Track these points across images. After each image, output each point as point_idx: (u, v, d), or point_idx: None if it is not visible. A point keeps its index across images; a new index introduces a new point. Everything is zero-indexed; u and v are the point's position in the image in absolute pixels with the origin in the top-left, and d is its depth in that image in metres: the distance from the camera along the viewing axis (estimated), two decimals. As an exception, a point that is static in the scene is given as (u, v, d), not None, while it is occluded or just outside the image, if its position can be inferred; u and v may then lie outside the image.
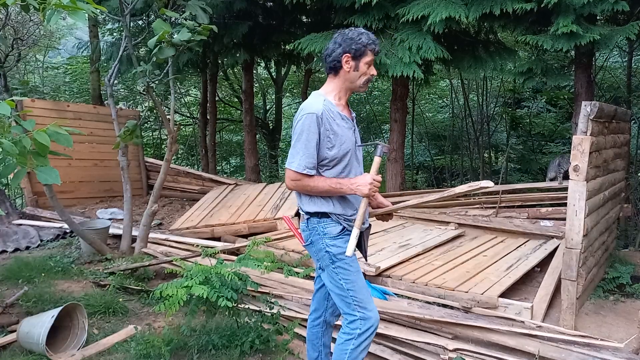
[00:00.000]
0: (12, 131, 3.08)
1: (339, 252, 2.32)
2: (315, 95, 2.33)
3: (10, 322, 3.45)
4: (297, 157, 2.22)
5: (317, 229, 2.35)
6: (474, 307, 3.52)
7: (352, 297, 2.33)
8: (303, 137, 2.21)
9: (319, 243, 2.35)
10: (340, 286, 2.34)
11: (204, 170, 9.98)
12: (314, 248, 2.40)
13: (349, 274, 2.33)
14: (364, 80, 2.33)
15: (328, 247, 2.33)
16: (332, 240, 2.33)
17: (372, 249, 4.86)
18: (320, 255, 2.37)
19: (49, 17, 2.73)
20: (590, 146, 3.41)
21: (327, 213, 2.33)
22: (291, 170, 2.25)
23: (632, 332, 3.34)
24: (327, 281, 2.40)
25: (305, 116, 2.22)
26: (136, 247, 4.94)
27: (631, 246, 6.26)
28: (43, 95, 11.41)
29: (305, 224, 2.41)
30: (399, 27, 5.70)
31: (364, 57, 2.28)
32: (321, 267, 2.41)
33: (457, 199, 6.73)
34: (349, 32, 2.30)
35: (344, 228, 2.35)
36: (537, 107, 11.36)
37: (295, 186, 2.30)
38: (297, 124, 2.25)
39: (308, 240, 2.41)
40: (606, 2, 4.79)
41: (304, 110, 2.25)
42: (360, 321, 2.33)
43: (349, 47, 2.26)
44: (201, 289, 2.83)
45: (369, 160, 2.44)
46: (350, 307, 2.34)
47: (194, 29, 4.23)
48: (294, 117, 2.32)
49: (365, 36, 2.28)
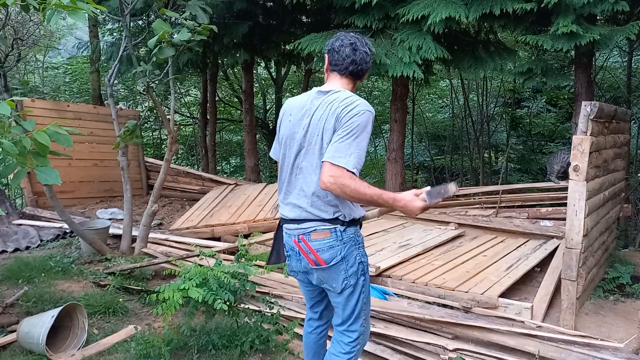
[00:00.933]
0: (12, 131, 3.08)
1: (366, 261, 2.14)
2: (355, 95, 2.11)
3: (10, 322, 3.45)
4: (349, 154, 1.91)
5: (354, 239, 2.07)
6: (474, 307, 3.52)
7: (364, 311, 2.17)
8: (362, 135, 1.95)
9: (352, 255, 2.06)
10: (359, 299, 2.12)
11: (204, 170, 9.98)
12: (343, 265, 2.05)
13: (367, 286, 2.16)
14: None
15: (362, 257, 2.11)
16: (363, 248, 2.12)
17: (372, 249, 4.86)
18: (353, 271, 2.07)
19: (49, 17, 2.73)
20: (590, 146, 3.41)
21: (359, 219, 2.10)
22: (338, 167, 1.89)
23: (632, 332, 3.34)
24: (346, 300, 2.12)
25: (366, 113, 1.97)
26: (136, 247, 4.94)
27: (631, 246, 6.26)
28: (43, 95, 11.41)
29: (334, 239, 2.03)
30: (399, 27, 5.70)
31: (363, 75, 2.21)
32: (347, 285, 2.08)
33: (457, 198, 6.74)
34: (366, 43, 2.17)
35: None
36: (537, 107, 11.36)
37: (334, 184, 1.90)
38: (355, 118, 1.95)
39: (337, 256, 2.04)
40: (606, 2, 4.79)
41: (364, 106, 1.99)
42: (361, 337, 2.21)
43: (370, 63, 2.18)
44: (197, 292, 2.79)
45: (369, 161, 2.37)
46: (359, 322, 2.17)
47: (194, 29, 4.23)
48: (333, 110, 2.01)
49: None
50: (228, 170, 14.87)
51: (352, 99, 2.03)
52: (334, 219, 2.04)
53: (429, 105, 13.47)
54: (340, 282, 2.09)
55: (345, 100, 2.01)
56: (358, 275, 2.10)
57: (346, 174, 1.90)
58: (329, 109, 2.02)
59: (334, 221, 2.04)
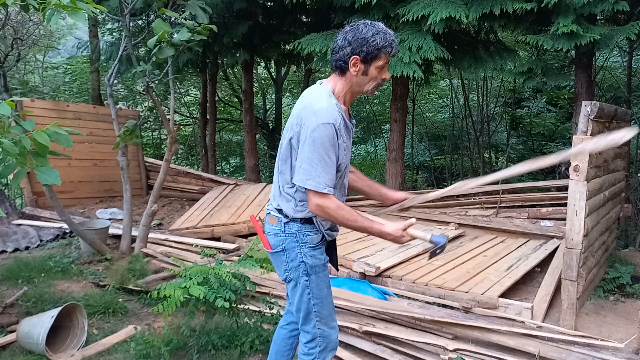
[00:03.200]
0: (12, 131, 3.07)
1: (316, 264, 2.11)
2: (327, 96, 2.00)
3: (10, 322, 3.45)
4: (315, 174, 1.91)
5: (297, 236, 2.08)
6: (474, 307, 3.52)
7: (316, 312, 2.15)
8: (321, 150, 1.90)
9: (294, 251, 2.09)
10: (307, 301, 2.13)
11: (203, 170, 9.97)
12: (284, 257, 2.12)
13: (320, 288, 2.14)
14: (372, 85, 2.03)
15: (305, 258, 2.09)
16: (311, 250, 2.09)
17: (372, 249, 4.86)
18: (293, 266, 2.11)
19: (49, 17, 2.73)
20: (590, 146, 3.40)
21: (312, 219, 2.08)
22: (315, 193, 1.93)
23: (632, 332, 3.34)
24: (292, 293, 2.18)
25: (322, 126, 1.90)
26: (136, 247, 4.94)
27: (631, 246, 6.25)
28: (43, 95, 11.40)
29: (279, 228, 2.10)
30: (399, 27, 5.69)
31: (376, 61, 1.96)
32: (289, 278, 2.15)
33: (457, 198, 6.73)
34: (363, 29, 1.94)
35: (323, 237, 2.14)
36: (537, 107, 11.35)
37: (322, 213, 1.97)
38: (311, 132, 1.90)
39: (279, 246, 2.11)
40: (606, 2, 4.79)
41: (320, 118, 1.91)
42: (320, 339, 2.17)
43: (360, 49, 1.94)
44: (198, 289, 2.81)
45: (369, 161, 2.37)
46: (312, 324, 2.16)
47: (193, 28, 4.23)
48: (300, 114, 1.99)
49: (382, 36, 1.94)
50: (228, 170, 14.87)
51: (314, 105, 1.96)
52: (281, 210, 2.11)
53: (429, 105, 13.47)
54: (282, 272, 2.17)
55: (305, 110, 1.98)
56: (300, 273, 2.11)
57: (331, 203, 1.95)
58: (294, 114, 2.04)
59: (281, 211, 2.11)
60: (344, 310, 3.48)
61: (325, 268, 2.18)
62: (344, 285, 3.89)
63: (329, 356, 2.23)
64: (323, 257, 2.16)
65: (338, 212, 1.98)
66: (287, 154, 2.06)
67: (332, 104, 1.98)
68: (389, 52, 1.97)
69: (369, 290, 3.87)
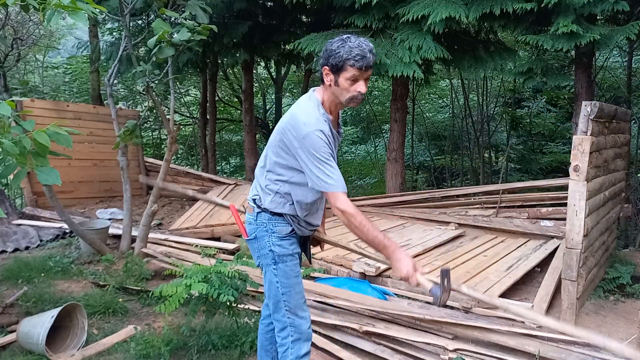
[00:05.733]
0: (12, 131, 3.07)
1: (283, 253, 2.23)
2: (315, 106, 2.11)
3: (10, 322, 3.45)
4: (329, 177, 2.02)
5: (266, 225, 2.23)
6: (474, 307, 3.52)
7: (284, 301, 2.25)
8: (322, 154, 2.02)
9: (264, 240, 2.24)
10: (276, 289, 2.25)
11: (203, 170, 9.98)
12: (256, 244, 2.28)
13: (287, 277, 2.24)
14: (347, 97, 2.07)
15: (273, 246, 2.22)
16: (279, 240, 2.23)
17: (372, 249, 4.85)
18: (263, 253, 2.26)
19: (49, 18, 2.73)
20: (590, 146, 3.41)
21: (283, 213, 2.22)
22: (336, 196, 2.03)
23: (632, 332, 3.34)
24: (265, 281, 2.31)
25: (315, 132, 2.02)
26: (136, 247, 4.94)
27: (631, 246, 6.25)
28: (43, 95, 11.40)
29: (253, 217, 2.27)
30: (399, 27, 5.70)
31: (344, 73, 2.02)
32: (260, 265, 2.31)
33: (457, 198, 6.73)
34: (334, 42, 2.05)
35: (293, 230, 2.26)
36: (537, 107, 11.35)
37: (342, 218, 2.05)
38: (304, 139, 2.03)
39: (252, 234, 2.28)
40: (606, 2, 4.79)
41: (312, 125, 2.03)
42: (290, 328, 2.25)
43: (327, 60, 2.05)
44: (201, 285, 2.84)
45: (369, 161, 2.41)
46: (281, 312, 2.26)
47: (193, 28, 4.23)
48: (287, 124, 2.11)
49: (347, 49, 1.99)
50: (228, 170, 14.87)
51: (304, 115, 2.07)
52: (255, 200, 2.28)
53: (429, 105, 13.47)
54: (256, 258, 2.33)
55: (293, 119, 2.09)
56: (269, 261, 2.25)
57: (353, 211, 2.03)
58: (280, 122, 2.16)
59: (256, 201, 2.28)
60: (344, 310, 3.48)
61: (294, 258, 2.27)
62: (344, 285, 3.89)
63: (304, 347, 2.29)
64: (291, 247, 2.26)
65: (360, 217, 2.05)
66: (273, 155, 2.18)
67: (319, 113, 2.09)
68: (353, 64, 2.00)
69: (369, 290, 3.87)
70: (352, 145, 14.67)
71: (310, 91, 2.23)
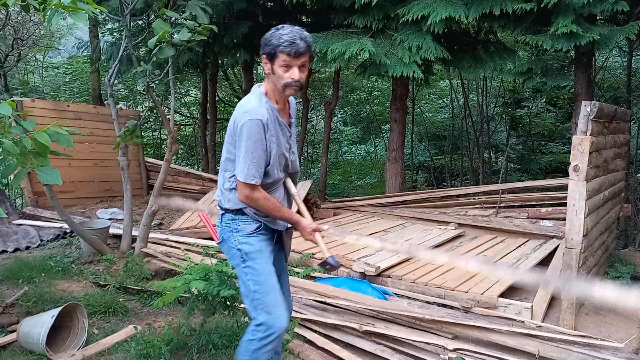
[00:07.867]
0: (12, 131, 3.08)
1: (250, 250, 2.24)
2: (256, 97, 2.21)
3: (10, 322, 3.45)
4: (245, 167, 2.11)
5: (230, 226, 2.28)
6: (474, 307, 3.53)
7: (257, 299, 2.22)
8: (249, 143, 2.10)
9: (230, 240, 2.28)
10: (248, 287, 2.24)
11: (204, 170, 9.98)
12: (225, 246, 2.32)
13: (257, 274, 2.23)
14: (282, 84, 2.14)
15: (240, 245, 2.25)
16: (244, 237, 2.25)
17: (372, 249, 4.86)
18: (232, 254, 2.29)
19: (50, 18, 2.73)
20: (590, 146, 3.41)
21: (243, 210, 2.25)
22: (243, 183, 2.14)
23: (632, 332, 3.34)
24: (239, 281, 2.33)
25: (249, 122, 2.10)
26: (136, 247, 4.94)
27: (631, 246, 6.26)
28: (43, 95, 11.41)
29: (219, 220, 2.34)
30: (399, 27, 5.70)
31: (277, 60, 2.12)
32: (233, 265, 2.33)
33: (457, 198, 6.74)
34: (269, 32, 2.18)
35: (260, 226, 2.27)
36: (537, 107, 11.36)
37: (248, 200, 2.18)
38: (240, 129, 2.12)
39: (221, 236, 2.32)
40: (606, 2, 4.80)
41: (249, 114, 2.12)
42: (263, 326, 2.21)
43: (263, 49, 2.18)
44: (200, 283, 2.85)
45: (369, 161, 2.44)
46: (256, 310, 2.23)
47: (194, 29, 4.23)
48: (234, 115, 2.20)
49: (277, 36, 2.12)
50: (228, 170, 14.84)
51: (244, 103, 2.20)
52: (218, 203, 2.34)
53: (429, 105, 13.47)
54: (229, 260, 2.38)
55: (238, 110, 2.19)
56: (238, 260, 2.28)
57: (258, 194, 2.16)
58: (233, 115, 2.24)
59: (219, 205, 2.35)
60: (344, 310, 3.49)
61: (263, 255, 2.27)
62: (344, 285, 3.90)
63: (273, 344, 2.23)
64: (260, 244, 2.27)
65: (264, 202, 2.19)
66: (225, 152, 2.27)
67: (261, 103, 2.18)
68: (282, 50, 2.10)
69: (369, 290, 3.88)
70: (352, 145, 14.68)
71: (255, 85, 2.33)
